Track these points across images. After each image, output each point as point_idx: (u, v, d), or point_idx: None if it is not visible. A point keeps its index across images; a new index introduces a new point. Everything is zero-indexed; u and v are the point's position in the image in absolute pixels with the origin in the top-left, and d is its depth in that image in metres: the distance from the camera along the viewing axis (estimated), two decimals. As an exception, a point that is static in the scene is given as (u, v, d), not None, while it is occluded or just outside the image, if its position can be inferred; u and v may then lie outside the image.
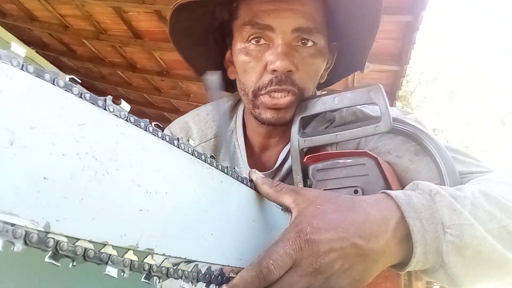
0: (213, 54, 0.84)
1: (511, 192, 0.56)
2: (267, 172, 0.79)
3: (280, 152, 0.80)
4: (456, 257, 0.48)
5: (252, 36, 0.71)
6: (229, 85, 0.85)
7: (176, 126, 0.87)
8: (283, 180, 0.77)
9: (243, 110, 0.85)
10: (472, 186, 0.55)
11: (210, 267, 0.45)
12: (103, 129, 0.34)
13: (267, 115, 0.72)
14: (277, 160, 0.80)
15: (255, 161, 0.82)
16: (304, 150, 0.72)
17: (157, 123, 0.41)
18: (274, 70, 0.69)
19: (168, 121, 0.90)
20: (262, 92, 0.71)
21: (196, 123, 0.86)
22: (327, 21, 0.74)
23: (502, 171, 0.64)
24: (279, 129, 0.77)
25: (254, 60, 0.72)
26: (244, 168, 0.80)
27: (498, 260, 0.50)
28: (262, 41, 0.71)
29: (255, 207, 0.51)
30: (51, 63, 3.76)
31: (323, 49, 0.74)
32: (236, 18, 0.75)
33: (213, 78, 0.70)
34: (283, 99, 0.70)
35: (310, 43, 0.71)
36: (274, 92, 0.70)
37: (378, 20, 0.70)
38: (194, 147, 0.44)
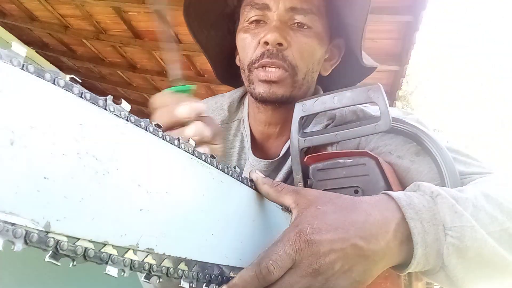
0: (225, 41, 0.87)
1: None
2: (270, 161, 0.79)
3: (284, 144, 0.81)
4: (456, 259, 0.48)
5: (253, 18, 0.75)
6: (237, 78, 0.86)
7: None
8: (288, 175, 0.78)
9: (248, 100, 0.86)
10: (473, 188, 0.55)
11: (210, 266, 0.45)
12: (103, 128, 0.34)
13: (260, 89, 0.74)
14: (279, 151, 0.80)
15: (259, 149, 0.83)
16: (304, 149, 0.72)
17: (157, 123, 0.41)
18: (266, 43, 0.72)
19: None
20: (256, 65, 0.74)
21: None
22: (326, 6, 0.76)
23: (503, 173, 0.64)
24: (277, 115, 0.79)
25: (250, 36, 0.75)
26: (249, 156, 0.82)
27: (498, 263, 0.50)
28: (261, 22, 0.75)
29: (255, 207, 0.51)
30: (51, 63, 3.76)
31: (320, 33, 0.75)
32: (242, 2, 0.79)
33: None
34: (274, 72, 0.72)
35: (305, 27, 0.74)
36: (266, 66, 0.72)
37: (369, 2, 0.71)
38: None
